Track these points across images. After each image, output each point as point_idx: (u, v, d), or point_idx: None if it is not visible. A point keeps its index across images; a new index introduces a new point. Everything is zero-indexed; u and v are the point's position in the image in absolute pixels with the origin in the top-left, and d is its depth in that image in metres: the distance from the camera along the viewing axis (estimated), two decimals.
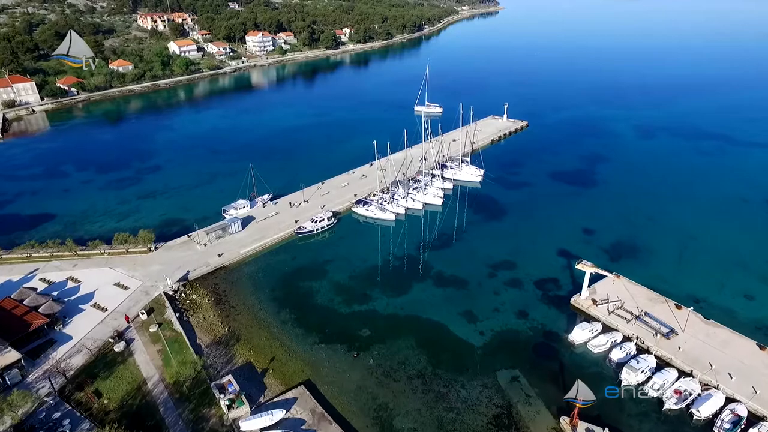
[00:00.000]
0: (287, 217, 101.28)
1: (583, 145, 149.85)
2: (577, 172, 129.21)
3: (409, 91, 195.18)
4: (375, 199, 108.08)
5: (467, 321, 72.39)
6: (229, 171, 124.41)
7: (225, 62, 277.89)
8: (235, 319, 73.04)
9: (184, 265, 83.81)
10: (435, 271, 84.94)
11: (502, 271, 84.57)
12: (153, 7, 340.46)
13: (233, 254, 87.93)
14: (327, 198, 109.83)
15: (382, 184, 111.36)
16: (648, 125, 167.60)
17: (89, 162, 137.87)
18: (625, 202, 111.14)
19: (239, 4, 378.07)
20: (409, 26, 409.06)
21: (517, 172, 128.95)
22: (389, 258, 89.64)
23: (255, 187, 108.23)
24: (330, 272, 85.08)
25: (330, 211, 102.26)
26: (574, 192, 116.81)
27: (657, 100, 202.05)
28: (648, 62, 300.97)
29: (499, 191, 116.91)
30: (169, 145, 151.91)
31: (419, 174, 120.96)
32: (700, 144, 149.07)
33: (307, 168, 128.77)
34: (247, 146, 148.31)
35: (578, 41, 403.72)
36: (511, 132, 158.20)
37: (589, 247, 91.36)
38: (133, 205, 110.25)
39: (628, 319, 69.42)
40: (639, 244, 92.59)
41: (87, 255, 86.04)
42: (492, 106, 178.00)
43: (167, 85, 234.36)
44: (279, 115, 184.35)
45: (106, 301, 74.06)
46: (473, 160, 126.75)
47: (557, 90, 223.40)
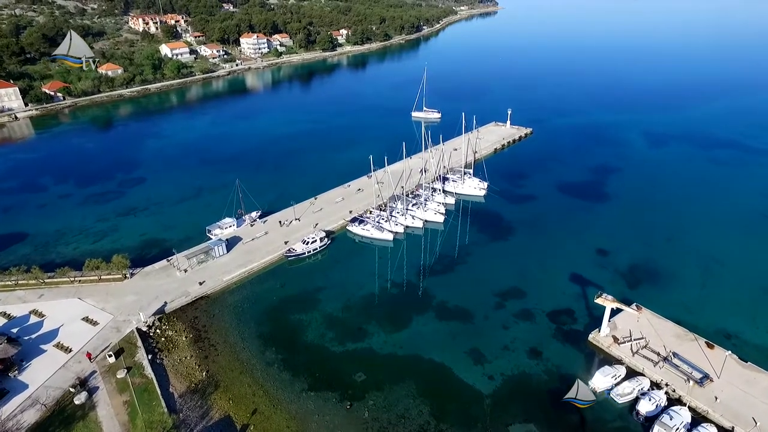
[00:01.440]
0: (277, 238, 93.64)
1: (591, 153, 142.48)
2: (586, 184, 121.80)
3: (407, 95, 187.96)
4: (372, 216, 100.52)
5: (474, 362, 64.79)
6: (217, 184, 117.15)
7: (218, 65, 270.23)
8: (214, 360, 65.34)
9: (161, 295, 76.16)
10: (437, 301, 77.39)
11: (510, 301, 77.04)
12: (145, 9, 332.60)
13: (216, 282, 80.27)
14: (320, 215, 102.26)
15: (379, 200, 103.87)
16: (657, 131, 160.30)
17: (70, 174, 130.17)
18: (639, 218, 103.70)
19: (234, 5, 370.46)
20: (407, 27, 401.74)
21: (523, 184, 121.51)
22: (387, 285, 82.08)
23: (242, 204, 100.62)
24: (322, 302, 77.47)
25: (323, 230, 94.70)
26: (584, 207, 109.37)
27: (664, 104, 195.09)
28: (652, 63, 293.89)
29: (504, 206, 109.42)
30: (156, 155, 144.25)
31: (419, 188, 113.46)
32: (715, 153, 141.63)
33: (299, 180, 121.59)
34: (237, 156, 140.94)
35: (579, 41, 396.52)
36: (514, 140, 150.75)
37: (603, 272, 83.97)
38: (111, 224, 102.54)
39: (655, 361, 61.89)
40: (658, 268, 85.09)
41: (55, 283, 78.30)
42: (493, 111, 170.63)
43: (158, 90, 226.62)
44: (272, 122, 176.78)
45: (72, 340, 66.41)
46: (476, 172, 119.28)
47: (560, 93, 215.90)
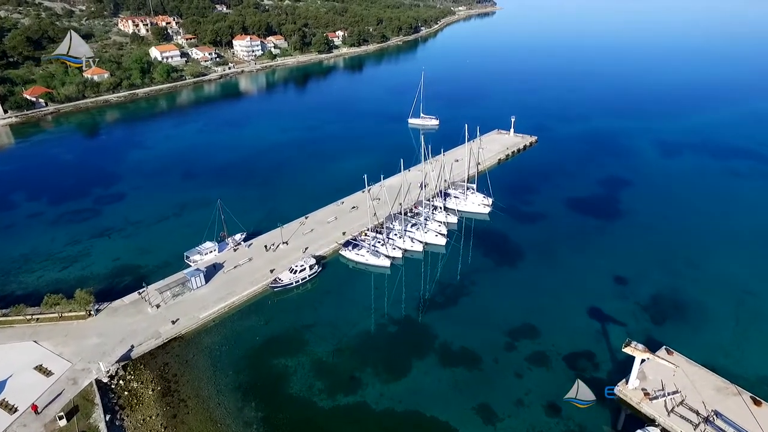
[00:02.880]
0: (262, 265, 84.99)
1: (600, 164, 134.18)
2: (597, 199, 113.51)
3: (404, 99, 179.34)
4: (367, 239, 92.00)
5: (484, 421, 56.29)
6: (201, 200, 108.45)
7: (210, 68, 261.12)
8: (184, 421, 56.70)
9: (128, 337, 67.53)
10: (440, 341, 68.94)
11: (522, 341, 68.64)
12: (136, 11, 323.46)
13: (191, 320, 71.62)
14: (310, 237, 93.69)
15: (375, 219, 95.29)
16: (668, 140, 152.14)
17: (44, 189, 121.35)
18: (657, 240, 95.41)
19: (227, 6, 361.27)
20: (405, 28, 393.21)
21: (530, 200, 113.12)
22: (383, 320, 73.63)
23: (225, 226, 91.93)
24: (310, 343, 68.94)
25: (312, 256, 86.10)
26: (597, 227, 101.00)
27: (674, 109, 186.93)
28: (660, 64, 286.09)
29: (511, 225, 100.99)
30: (138, 167, 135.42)
31: (418, 205, 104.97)
32: (731, 163, 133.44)
33: (289, 197, 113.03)
34: (224, 168, 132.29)
35: (582, 42, 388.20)
36: (519, 149, 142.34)
37: (624, 305, 75.60)
38: (83, 247, 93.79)
39: (695, 423, 53.45)
40: (684, 301, 76.76)
41: (9, 322, 69.61)
42: (495, 117, 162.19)
43: (146, 95, 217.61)
44: (263, 129, 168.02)
45: (19, 396, 57.70)
46: (479, 185, 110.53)
47: (564, 97, 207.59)
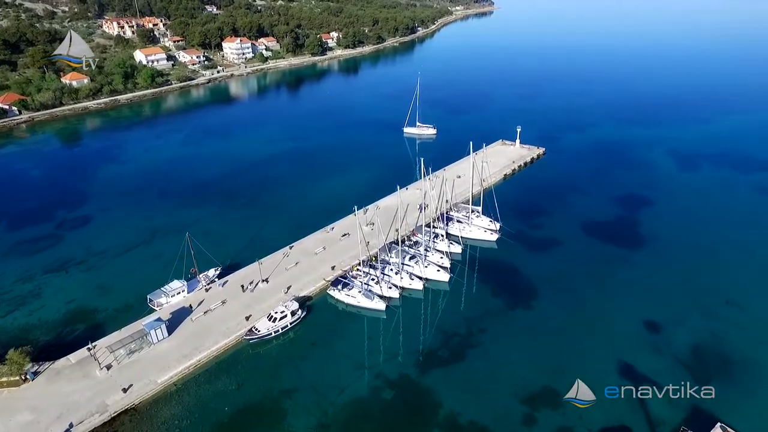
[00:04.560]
0: (237, 309, 73.39)
1: (615, 180, 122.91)
2: (616, 222, 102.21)
3: (400, 105, 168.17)
4: (359, 275, 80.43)
5: None
6: (175, 225, 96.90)
7: (198, 72, 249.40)
8: None
9: (66, 412, 55.85)
10: (445, 412, 57.45)
11: (543, 411, 57.19)
12: (121, 12, 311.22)
13: (147, 385, 59.95)
14: (294, 273, 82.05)
15: (367, 249, 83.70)
16: (685, 151, 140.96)
17: (2, 212, 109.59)
18: (686, 272, 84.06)
19: (217, 7, 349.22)
20: (401, 29, 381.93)
21: (541, 223, 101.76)
22: (377, 383, 62.08)
23: (195, 261, 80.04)
24: (290, 415, 57.35)
25: (296, 299, 74.53)
26: (618, 257, 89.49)
27: (689, 116, 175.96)
28: (672, 66, 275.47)
29: (522, 255, 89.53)
30: (111, 184, 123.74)
31: (417, 231, 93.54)
32: (758, 178, 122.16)
33: (273, 220, 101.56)
34: (205, 186, 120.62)
35: (584, 42, 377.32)
36: (526, 162, 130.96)
37: (661, 360, 64.27)
38: (34, 285, 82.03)
39: None
40: (730, 353, 65.44)
41: None
42: (497, 126, 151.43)
43: (128, 101, 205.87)
44: (249, 141, 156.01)
45: None
46: (485, 207, 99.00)
47: (571, 102, 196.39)
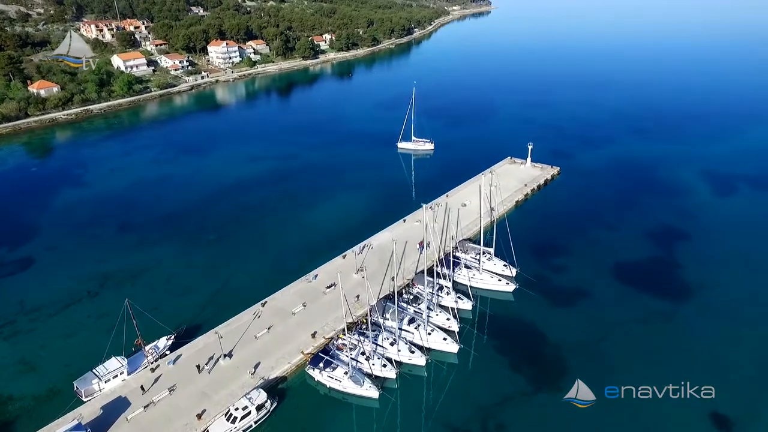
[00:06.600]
0: (187, 402, 57.20)
1: (642, 208, 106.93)
2: (650, 264, 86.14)
3: (395, 116, 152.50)
4: (345, 347, 64.30)
5: None
6: (129, 271, 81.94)
7: (180, 78, 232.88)
8: None
9: None
10: None
11: None
12: (101, 14, 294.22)
13: None
14: (265, 343, 65.89)
15: (357, 305, 67.96)
16: (718, 171, 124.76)
17: None
18: (745, 333, 68.23)
19: (204, 8, 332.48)
20: (397, 30, 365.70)
21: (563, 265, 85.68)
22: None
23: (138, 331, 63.44)
24: None
25: (264, 382, 58.46)
26: (660, 313, 73.42)
27: (719, 129, 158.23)
28: (691, 69, 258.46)
29: (544, 313, 73.47)
30: (67, 214, 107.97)
31: (416, 281, 77.62)
32: None
33: (245, 264, 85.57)
34: (172, 217, 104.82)
35: (591, 44, 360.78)
36: (539, 185, 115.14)
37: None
38: None
39: None
40: None
41: None
42: (502, 140, 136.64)
43: (102, 111, 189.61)
44: (229, 159, 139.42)
45: None
46: (497, 246, 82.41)
47: (582, 113, 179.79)
